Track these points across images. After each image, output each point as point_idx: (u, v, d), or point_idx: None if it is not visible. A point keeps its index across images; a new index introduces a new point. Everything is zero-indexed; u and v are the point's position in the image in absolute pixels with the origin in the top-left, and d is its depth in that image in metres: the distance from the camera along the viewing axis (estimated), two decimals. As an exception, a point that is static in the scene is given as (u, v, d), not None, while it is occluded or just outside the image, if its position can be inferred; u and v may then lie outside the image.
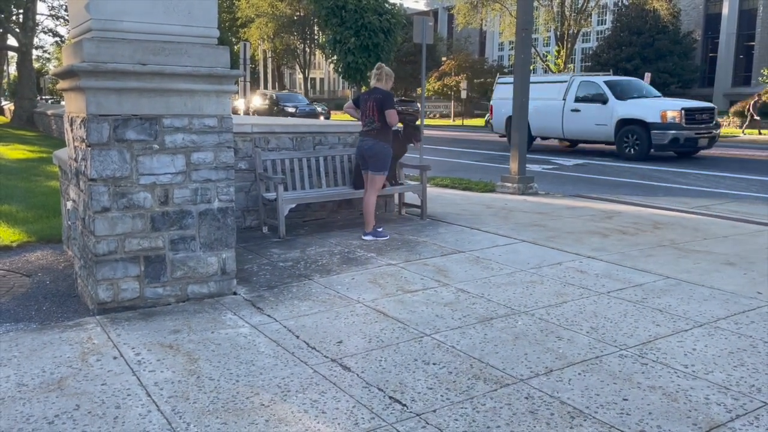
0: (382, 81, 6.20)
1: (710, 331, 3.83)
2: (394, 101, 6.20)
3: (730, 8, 40.37)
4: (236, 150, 6.62)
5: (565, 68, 38.25)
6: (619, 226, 6.95)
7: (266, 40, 53.91)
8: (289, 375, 3.24)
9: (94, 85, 3.94)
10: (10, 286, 4.91)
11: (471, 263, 5.39)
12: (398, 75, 50.02)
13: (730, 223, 7.25)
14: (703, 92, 41.11)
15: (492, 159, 15.99)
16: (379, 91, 6.16)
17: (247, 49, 20.25)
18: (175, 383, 3.14)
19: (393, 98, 6.20)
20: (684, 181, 11.53)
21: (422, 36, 10.90)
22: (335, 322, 3.98)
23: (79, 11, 4.23)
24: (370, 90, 6.31)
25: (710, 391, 3.04)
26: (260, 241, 6.21)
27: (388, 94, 6.17)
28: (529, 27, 9.53)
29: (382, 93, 6.15)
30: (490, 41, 55.84)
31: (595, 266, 5.29)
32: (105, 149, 4.03)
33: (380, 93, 6.15)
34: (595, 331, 3.82)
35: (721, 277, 4.98)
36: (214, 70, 4.28)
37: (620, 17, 41.05)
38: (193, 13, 4.25)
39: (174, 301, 4.36)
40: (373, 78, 6.29)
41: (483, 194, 9.46)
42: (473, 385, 3.12)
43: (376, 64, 6.37)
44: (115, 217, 4.11)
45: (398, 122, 6.22)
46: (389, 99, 6.12)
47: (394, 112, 6.12)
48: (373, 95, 6.17)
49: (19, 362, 3.38)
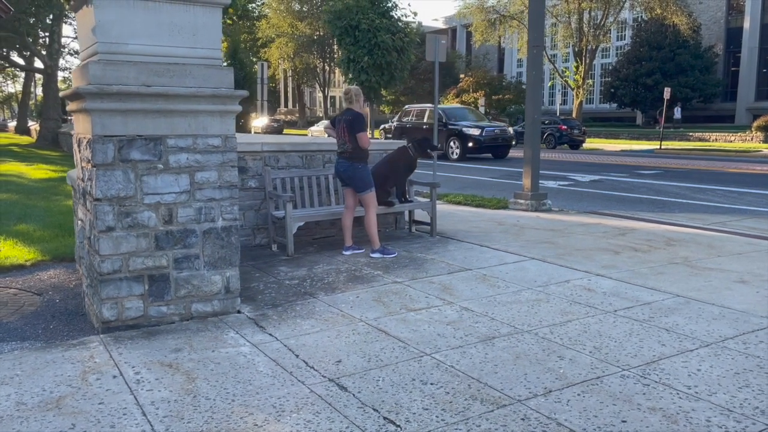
0: (352, 102, 6.25)
1: (716, 351, 3.75)
2: (364, 123, 6.22)
3: (752, 22, 40.03)
4: (246, 168, 6.69)
5: (584, 83, 38.13)
6: (631, 243, 6.86)
7: (286, 60, 54.61)
8: (285, 395, 3.23)
9: (100, 106, 4.01)
10: (20, 304, 4.98)
11: (477, 281, 5.35)
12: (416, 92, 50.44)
13: (747, 239, 7.12)
14: (725, 107, 40.70)
15: (508, 175, 15.93)
16: (350, 113, 6.22)
17: (265, 68, 20.50)
18: (171, 402, 3.15)
19: (363, 120, 6.22)
20: (702, 197, 11.37)
21: (435, 54, 10.94)
22: (336, 341, 3.97)
23: (87, 35, 4.32)
24: (343, 111, 6.37)
25: (712, 413, 2.97)
26: (268, 259, 6.24)
27: (358, 115, 6.20)
28: (540, 44, 9.52)
29: (352, 114, 6.19)
30: (509, 58, 55.97)
31: (603, 284, 5.22)
32: (110, 169, 4.10)
33: (350, 114, 6.20)
34: (599, 351, 3.76)
35: (733, 295, 4.88)
36: (218, 91, 4.34)
37: (639, 32, 40.93)
38: (197, 35, 4.32)
39: (178, 320, 4.39)
40: (344, 101, 6.35)
41: (495, 211, 9.41)
42: (470, 405, 3.09)
43: (346, 88, 6.42)
44: (120, 236, 4.16)
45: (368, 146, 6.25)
46: (358, 121, 6.15)
47: (365, 135, 6.14)
48: (344, 116, 6.23)
49: (20, 381, 3.42)
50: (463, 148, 21.61)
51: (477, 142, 21.44)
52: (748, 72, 40.45)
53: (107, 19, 4.04)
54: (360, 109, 6.28)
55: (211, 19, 4.37)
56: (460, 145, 21.72)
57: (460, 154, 21.75)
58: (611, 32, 41.76)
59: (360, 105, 6.31)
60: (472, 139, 21.44)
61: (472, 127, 21.72)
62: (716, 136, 31.54)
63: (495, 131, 22.11)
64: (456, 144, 21.86)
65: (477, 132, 21.50)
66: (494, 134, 21.94)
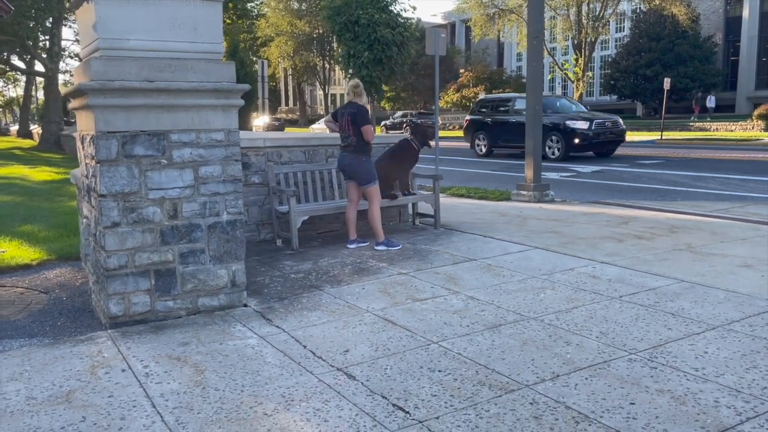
0: (359, 96, 6.27)
1: (723, 333, 3.75)
2: (367, 116, 6.25)
3: (751, 11, 39.90)
4: (249, 164, 6.70)
5: (584, 76, 38.06)
6: (635, 231, 6.86)
7: (286, 58, 54.59)
8: (294, 384, 3.24)
9: (102, 102, 4.02)
10: (27, 303, 5.00)
11: (482, 271, 5.36)
12: (417, 88, 50.32)
13: (750, 225, 7.11)
14: (725, 96, 40.58)
15: (509, 168, 15.92)
16: (354, 106, 6.23)
17: (265, 66, 20.50)
18: (181, 394, 3.16)
19: (366, 112, 6.26)
20: (704, 185, 11.36)
21: (435, 47, 10.94)
22: (343, 332, 3.99)
23: (88, 31, 4.33)
24: (345, 104, 6.36)
25: (720, 394, 2.98)
26: (273, 254, 6.25)
27: (362, 108, 6.23)
28: (540, 35, 9.51)
29: (356, 107, 6.22)
30: (508, 52, 55.85)
31: (608, 271, 5.22)
32: (114, 165, 4.11)
33: (354, 107, 6.22)
34: (605, 336, 3.77)
35: (737, 279, 4.88)
36: (220, 85, 4.35)
37: (638, 24, 40.82)
38: (198, 29, 4.33)
39: (185, 314, 4.40)
40: (353, 94, 6.34)
41: (498, 203, 9.41)
42: (478, 391, 3.10)
43: (352, 82, 6.42)
44: (125, 232, 4.18)
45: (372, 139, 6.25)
46: (362, 114, 6.18)
47: (369, 127, 6.16)
48: (347, 109, 6.24)
49: (30, 376, 3.44)
50: (567, 146, 17.41)
51: (584, 138, 17.27)
52: (747, 61, 40.33)
53: (108, 15, 4.05)
54: (364, 102, 6.29)
55: (212, 13, 4.38)
56: (562, 141, 17.49)
57: (562, 152, 17.50)
58: (610, 24, 41.64)
59: (363, 101, 6.32)
60: (579, 135, 17.23)
61: (578, 120, 17.57)
62: (717, 125, 31.47)
63: (606, 124, 17.82)
64: (556, 140, 17.63)
65: (585, 126, 17.31)
66: (605, 128, 17.71)
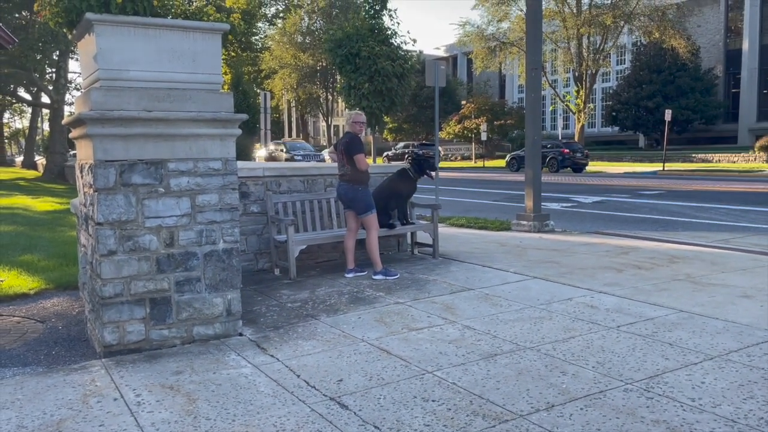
0: (348, 125, 6.33)
1: (721, 364, 3.71)
2: (360, 145, 6.25)
3: (750, 43, 40.36)
4: (248, 193, 6.73)
5: (585, 107, 38.36)
6: (634, 261, 6.84)
7: (290, 90, 55.13)
8: (286, 414, 3.21)
9: (101, 132, 4.07)
10: (23, 331, 4.98)
11: (480, 300, 5.34)
12: (419, 119, 50.66)
13: (750, 255, 7.09)
14: (727, 128, 40.82)
15: (510, 198, 15.96)
16: (348, 135, 6.29)
17: (267, 98, 20.70)
18: (172, 423, 3.13)
19: (358, 142, 6.26)
20: (705, 216, 11.35)
21: (435, 79, 11.07)
22: (337, 361, 3.96)
23: (89, 62, 4.40)
24: (343, 134, 6.43)
25: (716, 425, 2.94)
26: (271, 283, 6.24)
27: (354, 137, 6.26)
28: (538, 66, 9.62)
29: (349, 137, 6.27)
30: (510, 83, 56.45)
31: (606, 301, 5.20)
32: (111, 193, 4.13)
33: (348, 137, 6.28)
34: (602, 366, 3.74)
35: (737, 309, 4.85)
36: (218, 115, 4.40)
37: (639, 56, 41.29)
38: (197, 60, 4.40)
39: (179, 343, 4.38)
40: (347, 124, 6.40)
41: (498, 233, 9.41)
42: (471, 421, 3.06)
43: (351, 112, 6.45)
44: (121, 260, 4.18)
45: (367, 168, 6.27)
46: (354, 143, 6.20)
47: (361, 156, 6.18)
48: (343, 139, 6.31)
49: (21, 405, 3.41)
50: None
51: None
52: (748, 93, 40.66)
53: (108, 47, 4.12)
54: (355, 132, 6.30)
55: (210, 45, 4.45)
56: None
57: None
58: (611, 56, 42.14)
59: (356, 130, 6.31)
60: None
61: None
62: (719, 156, 31.58)
63: None
64: None
65: None
66: None
